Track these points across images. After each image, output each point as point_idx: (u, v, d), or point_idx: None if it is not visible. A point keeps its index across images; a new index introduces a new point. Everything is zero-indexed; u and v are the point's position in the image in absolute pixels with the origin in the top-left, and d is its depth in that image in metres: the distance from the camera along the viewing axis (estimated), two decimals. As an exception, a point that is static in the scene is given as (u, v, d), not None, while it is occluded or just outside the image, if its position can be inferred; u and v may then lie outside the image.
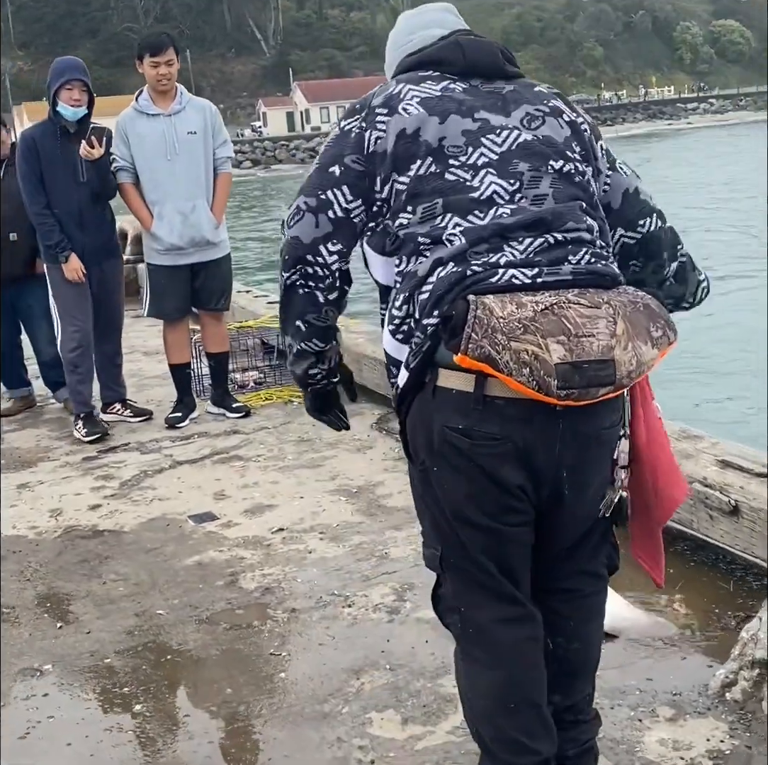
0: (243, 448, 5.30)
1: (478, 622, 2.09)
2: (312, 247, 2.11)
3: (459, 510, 2.02)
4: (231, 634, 3.36)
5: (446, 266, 1.99)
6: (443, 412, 1.97)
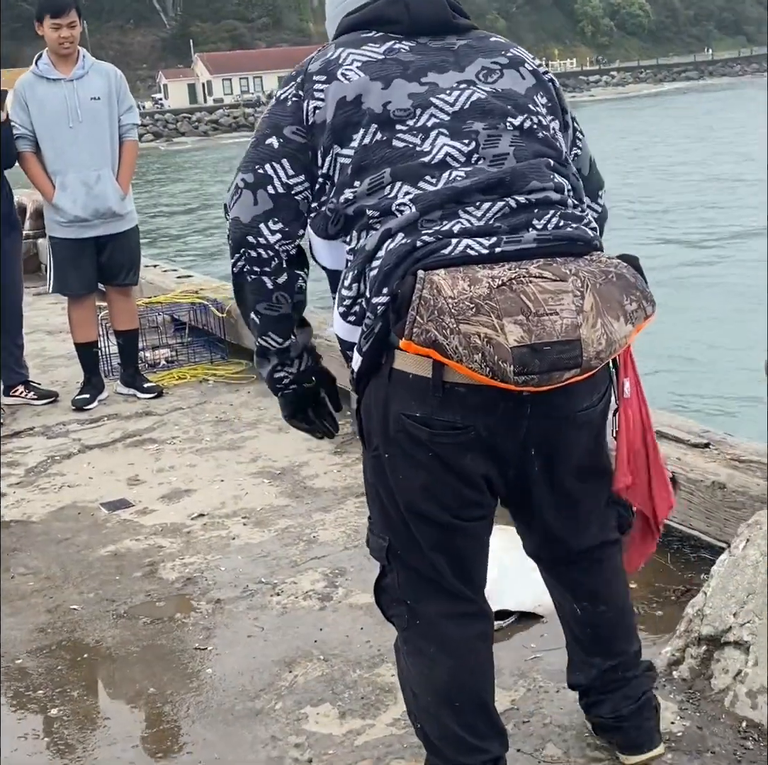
0: (157, 430, 5.08)
1: (426, 617, 1.99)
2: (252, 226, 1.95)
3: (413, 502, 1.91)
4: (152, 629, 3.17)
5: (395, 238, 1.83)
6: (399, 398, 1.83)
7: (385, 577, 2.04)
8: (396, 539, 1.96)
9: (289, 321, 2.06)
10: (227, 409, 5.33)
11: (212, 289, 6.83)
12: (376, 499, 1.98)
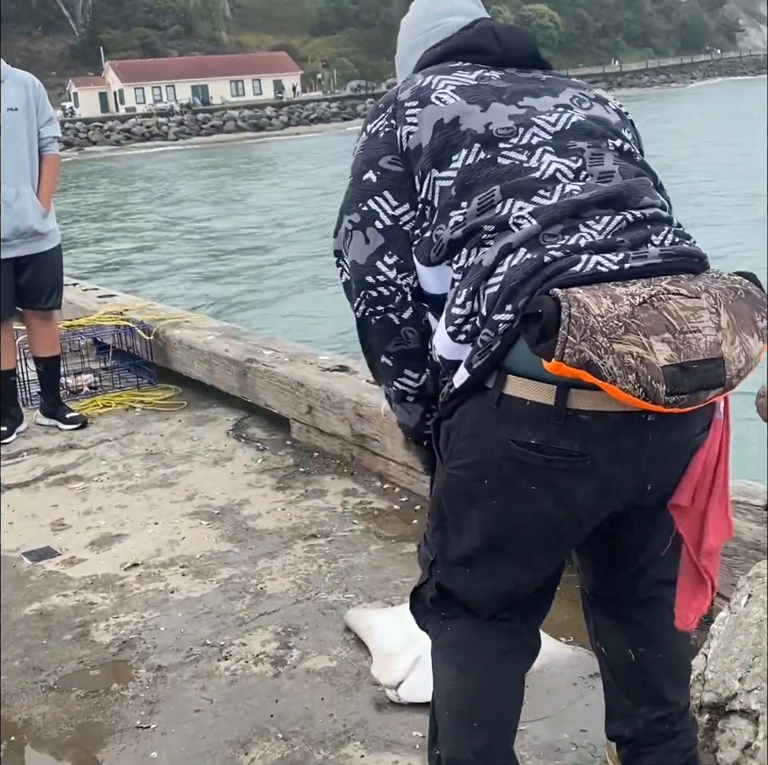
0: (82, 465, 4.70)
1: (460, 627, 1.94)
2: (369, 266, 1.90)
3: (496, 534, 1.83)
4: (86, 704, 2.82)
5: (517, 253, 1.73)
6: (509, 424, 1.74)
7: (423, 587, 1.99)
8: (443, 558, 1.90)
9: (420, 354, 1.96)
10: (157, 440, 4.98)
11: (137, 309, 6.48)
12: (438, 515, 1.91)
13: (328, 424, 4.49)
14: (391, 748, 2.53)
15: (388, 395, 2.05)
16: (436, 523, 1.92)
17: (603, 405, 1.68)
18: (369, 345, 1.97)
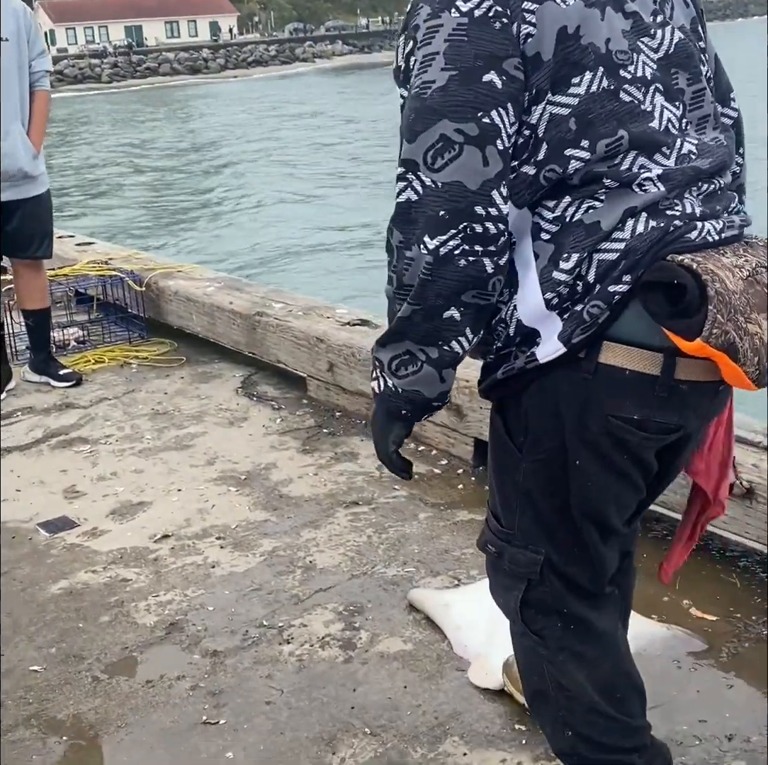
0: (85, 427, 4.38)
1: (581, 620, 1.85)
2: (483, 194, 1.53)
3: (597, 511, 1.74)
4: (141, 696, 2.56)
5: (639, 218, 1.58)
6: (608, 398, 1.62)
7: (532, 591, 1.83)
8: (557, 550, 1.78)
9: (490, 314, 1.66)
10: (162, 398, 4.67)
11: (122, 258, 6.11)
12: (529, 508, 1.77)
13: (352, 382, 4.22)
14: (494, 743, 2.30)
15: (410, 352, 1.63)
16: (531, 518, 1.78)
17: (702, 375, 1.61)
18: (439, 290, 1.57)
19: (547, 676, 1.88)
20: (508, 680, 2.42)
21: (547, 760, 2.24)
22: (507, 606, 1.89)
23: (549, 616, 1.84)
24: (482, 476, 3.64)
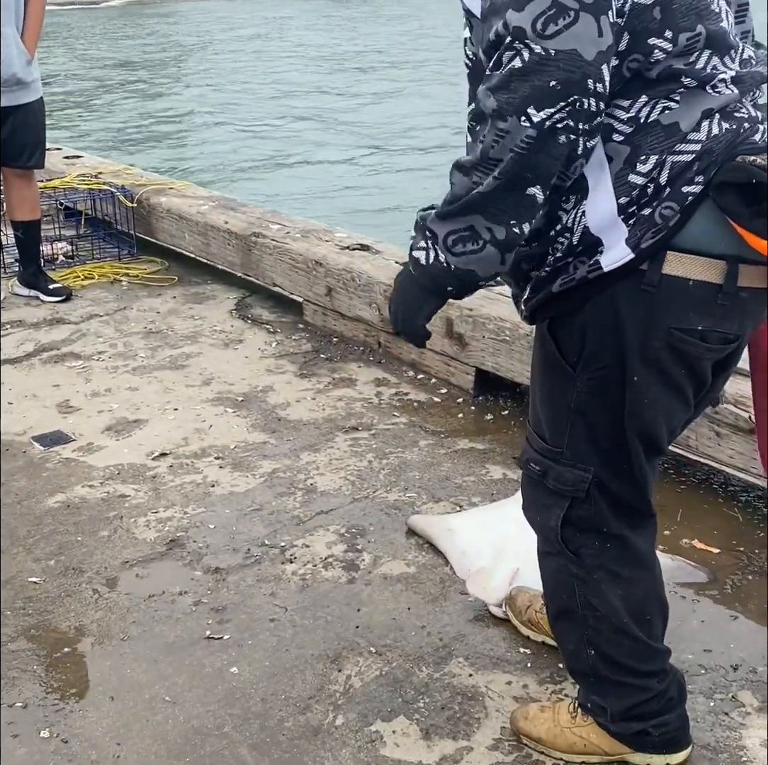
0: (77, 342, 4.31)
1: (620, 539, 1.85)
2: (596, 65, 1.43)
3: (650, 429, 1.73)
4: (144, 610, 2.54)
5: (713, 119, 1.56)
6: (672, 310, 1.60)
7: (575, 510, 1.82)
8: (606, 468, 1.76)
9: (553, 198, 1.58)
10: (154, 317, 4.60)
11: (112, 173, 5.97)
12: (581, 427, 1.74)
13: (351, 307, 4.17)
14: (499, 666, 2.31)
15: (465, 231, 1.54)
16: (582, 436, 1.76)
17: (760, 281, 1.61)
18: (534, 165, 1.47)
19: (578, 595, 1.88)
20: (512, 613, 2.42)
21: (553, 683, 2.25)
22: (545, 524, 1.87)
23: (588, 535, 1.84)
24: (482, 406, 3.62)
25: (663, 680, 1.93)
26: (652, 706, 1.93)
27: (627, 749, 1.99)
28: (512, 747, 2.07)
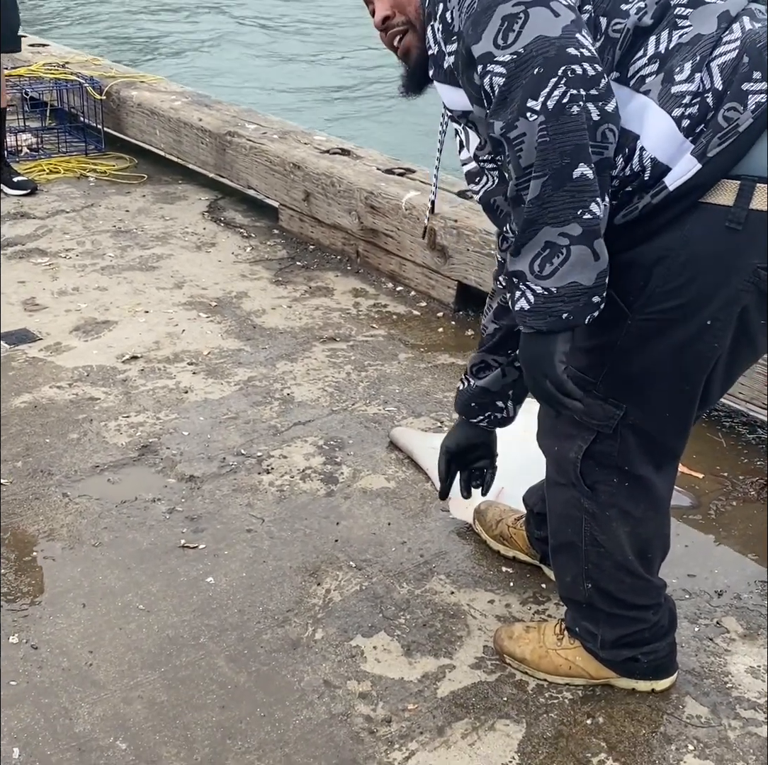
0: (42, 238, 4.15)
1: (639, 479, 1.77)
2: (567, 36, 1.40)
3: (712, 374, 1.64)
4: (115, 516, 2.46)
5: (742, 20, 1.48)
6: (760, 248, 1.49)
7: (598, 444, 1.74)
8: (643, 409, 1.68)
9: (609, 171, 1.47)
10: (123, 216, 4.43)
11: (79, 63, 5.72)
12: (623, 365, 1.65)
13: (329, 214, 4.04)
14: (481, 584, 2.27)
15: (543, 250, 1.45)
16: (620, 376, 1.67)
17: None
18: (562, 147, 1.40)
19: (584, 529, 1.83)
20: (481, 527, 2.38)
21: (536, 603, 2.22)
22: (563, 455, 1.79)
23: (608, 471, 1.77)
24: (463, 321, 3.54)
25: (657, 612, 1.90)
26: (644, 634, 1.90)
27: (612, 674, 1.96)
28: (495, 666, 2.03)
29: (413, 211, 3.65)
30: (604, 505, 1.79)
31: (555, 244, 1.44)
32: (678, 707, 1.95)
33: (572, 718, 1.92)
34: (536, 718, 1.91)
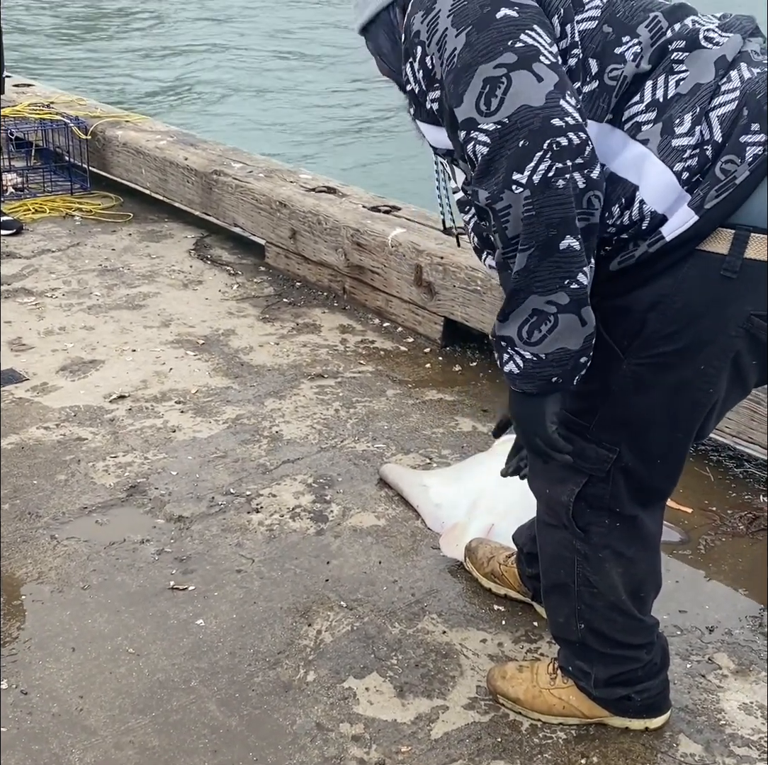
0: (28, 277, 4.15)
1: (630, 520, 1.78)
2: (550, 105, 1.40)
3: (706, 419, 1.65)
4: (104, 558, 2.45)
5: (740, 67, 1.49)
6: (754, 296, 1.50)
7: (590, 487, 1.74)
8: (635, 453, 1.68)
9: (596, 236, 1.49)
10: (109, 255, 4.44)
11: (64, 103, 5.75)
12: (618, 408, 1.65)
13: (315, 251, 4.05)
14: (473, 623, 2.26)
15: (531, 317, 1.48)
16: (614, 420, 1.67)
17: None
18: (548, 220, 1.42)
19: (576, 571, 1.82)
20: (472, 565, 2.38)
21: (529, 642, 2.21)
22: (555, 498, 1.79)
23: (599, 513, 1.77)
24: (450, 357, 3.55)
25: (650, 651, 1.90)
26: (637, 672, 1.89)
27: (606, 713, 1.96)
28: (488, 706, 2.02)
29: (399, 247, 3.66)
30: (597, 547, 1.79)
31: (543, 311, 1.47)
32: (672, 745, 1.94)
33: (566, 758, 1.91)
34: (530, 758, 1.90)
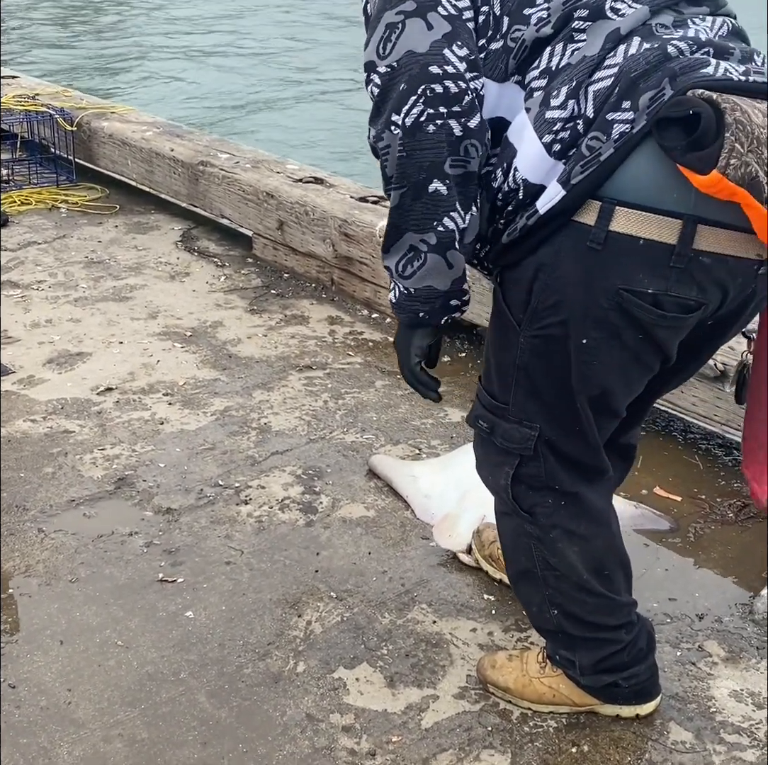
0: (14, 270, 4.12)
1: (574, 496, 1.78)
2: (432, 53, 1.48)
3: (603, 392, 1.65)
4: (92, 550, 2.43)
5: (631, 41, 1.47)
6: (620, 270, 1.50)
7: (524, 467, 1.76)
8: (552, 426, 1.70)
9: (475, 184, 1.57)
10: (96, 247, 4.42)
11: (50, 95, 5.71)
12: (525, 383, 1.68)
13: (303, 242, 4.04)
14: (463, 612, 2.26)
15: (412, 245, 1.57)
16: (526, 393, 1.70)
17: (726, 247, 1.50)
18: (418, 163, 1.51)
19: (535, 555, 1.83)
20: (476, 546, 2.37)
21: (519, 631, 2.21)
22: (496, 483, 1.81)
23: (541, 493, 1.78)
24: (439, 347, 3.54)
25: (630, 631, 1.89)
26: (622, 657, 1.89)
27: (596, 701, 1.96)
28: (479, 696, 2.02)
29: (387, 238, 3.65)
30: (546, 528, 1.80)
31: (417, 248, 1.57)
32: (662, 733, 1.94)
33: (557, 746, 1.91)
34: (521, 747, 1.90)
